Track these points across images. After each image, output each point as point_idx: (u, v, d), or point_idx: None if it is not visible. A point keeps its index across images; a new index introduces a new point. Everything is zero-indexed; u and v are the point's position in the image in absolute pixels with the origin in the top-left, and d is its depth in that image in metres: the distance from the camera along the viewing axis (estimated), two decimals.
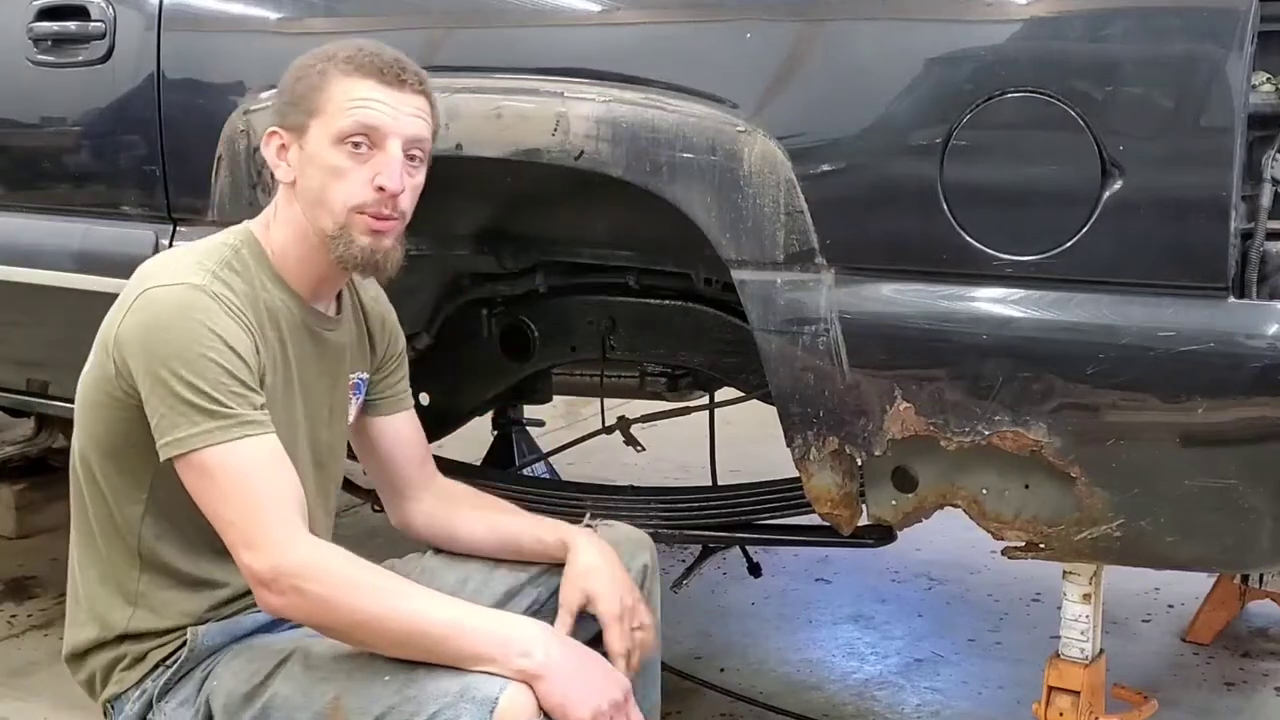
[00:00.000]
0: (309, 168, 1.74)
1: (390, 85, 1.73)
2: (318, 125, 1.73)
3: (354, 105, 1.71)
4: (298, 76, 1.76)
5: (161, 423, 1.63)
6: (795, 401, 1.88)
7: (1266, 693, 2.89)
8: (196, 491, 1.65)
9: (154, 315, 1.65)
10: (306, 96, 1.74)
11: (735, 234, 1.86)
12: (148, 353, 1.64)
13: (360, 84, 1.72)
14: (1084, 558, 1.92)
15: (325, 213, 1.74)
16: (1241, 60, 1.61)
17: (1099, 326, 1.68)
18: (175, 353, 1.62)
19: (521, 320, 2.59)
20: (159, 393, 1.63)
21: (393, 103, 1.73)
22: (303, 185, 1.76)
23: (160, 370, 1.62)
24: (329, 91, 1.72)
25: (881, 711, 2.81)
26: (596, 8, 2.08)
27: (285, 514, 1.62)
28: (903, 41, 1.80)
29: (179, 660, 1.77)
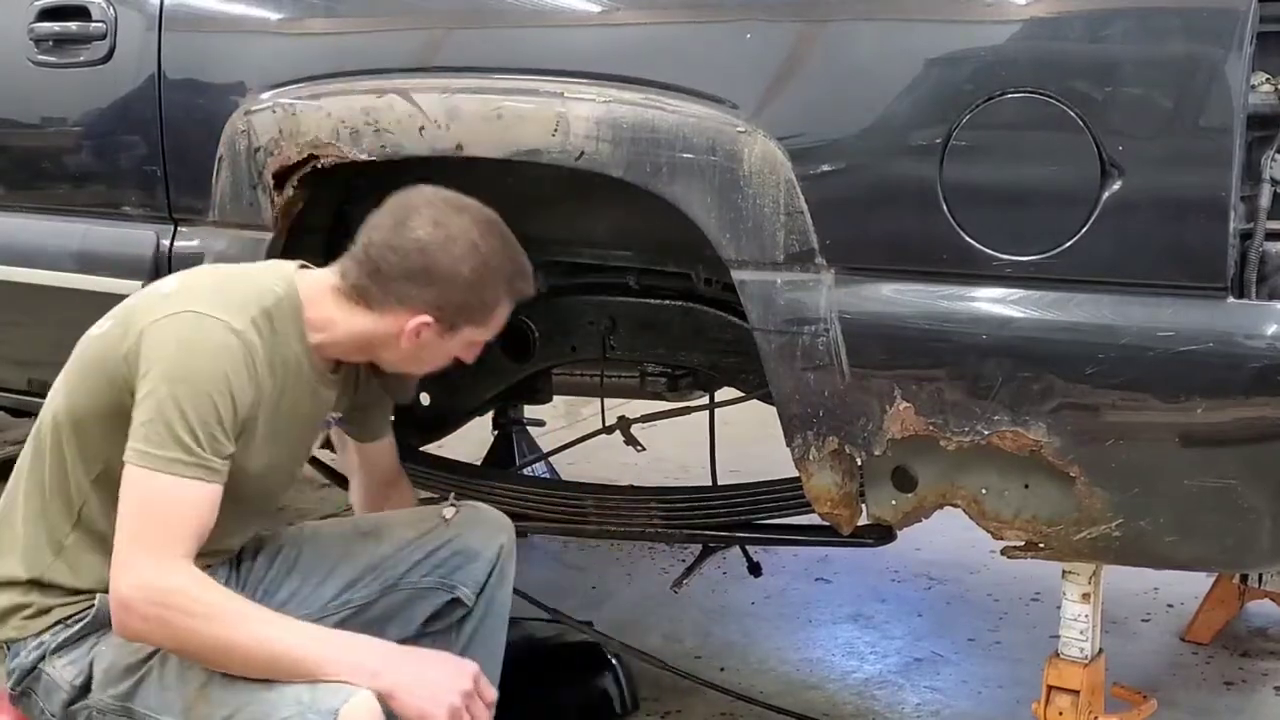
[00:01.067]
0: (438, 348, 1.94)
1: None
2: (471, 331, 1.94)
3: (499, 325, 1.98)
4: (475, 290, 1.89)
5: (141, 428, 1.72)
6: (795, 401, 1.88)
7: (1266, 692, 2.89)
8: (124, 496, 1.73)
9: (190, 338, 1.75)
10: (478, 311, 1.92)
11: (735, 234, 1.87)
12: (167, 366, 1.73)
13: (508, 308, 1.97)
14: (1083, 557, 1.92)
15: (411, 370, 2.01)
16: (1241, 60, 1.61)
17: (1099, 326, 1.69)
18: (189, 381, 1.73)
19: (521, 320, 2.59)
20: (155, 403, 1.72)
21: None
22: (414, 354, 1.93)
23: (169, 386, 1.72)
24: (495, 315, 1.95)
25: (881, 711, 2.81)
26: (596, 8, 2.08)
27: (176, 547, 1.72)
28: (903, 41, 1.80)
29: (81, 622, 1.84)
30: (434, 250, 1.86)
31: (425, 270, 1.86)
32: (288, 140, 2.20)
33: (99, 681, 1.82)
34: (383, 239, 1.88)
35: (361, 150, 2.13)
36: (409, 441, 2.91)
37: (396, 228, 1.88)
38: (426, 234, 1.86)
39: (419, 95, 2.07)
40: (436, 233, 1.86)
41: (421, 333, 1.89)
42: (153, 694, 1.79)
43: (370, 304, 1.89)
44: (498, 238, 1.91)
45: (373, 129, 2.11)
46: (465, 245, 1.87)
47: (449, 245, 1.86)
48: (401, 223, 1.88)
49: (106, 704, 1.82)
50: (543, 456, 3.57)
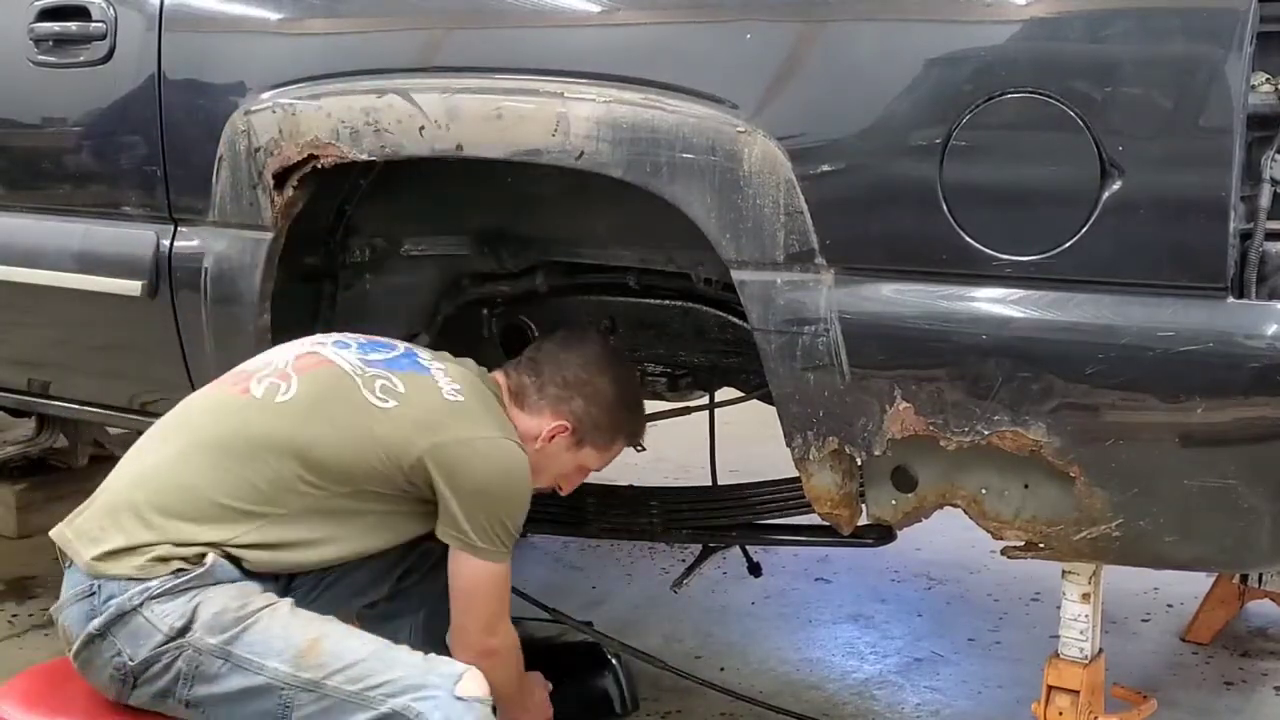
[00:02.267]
0: (555, 459, 2.23)
1: None
2: (587, 454, 2.26)
3: (609, 461, 2.31)
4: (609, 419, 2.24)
5: (476, 532, 2.05)
6: (795, 401, 1.88)
7: (1266, 692, 2.89)
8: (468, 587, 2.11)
9: (510, 464, 2.09)
10: (607, 434, 2.25)
11: (735, 234, 1.87)
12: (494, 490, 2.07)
13: (620, 448, 2.32)
14: (1083, 557, 1.92)
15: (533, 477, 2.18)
16: (1241, 61, 1.61)
17: (1099, 326, 1.69)
18: (514, 503, 2.09)
19: (521, 320, 2.60)
20: (485, 518, 2.06)
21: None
22: (542, 457, 2.20)
23: (497, 507, 2.07)
24: (612, 449, 2.29)
25: (881, 711, 2.81)
26: (596, 8, 2.08)
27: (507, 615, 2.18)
28: (903, 42, 1.80)
29: (191, 574, 1.94)
30: (592, 367, 2.22)
31: (580, 381, 2.20)
32: (288, 140, 2.20)
33: (203, 625, 1.91)
34: (550, 350, 2.25)
35: (362, 150, 2.13)
36: None
37: (565, 345, 2.26)
38: (591, 353, 2.25)
39: (419, 95, 2.07)
40: (599, 356, 2.25)
41: (555, 438, 2.20)
42: (259, 639, 1.91)
43: (524, 403, 2.21)
44: (637, 387, 2.36)
45: (373, 129, 2.11)
46: (616, 375, 2.25)
47: (605, 369, 2.24)
48: (569, 344, 2.26)
49: (206, 646, 1.90)
50: None
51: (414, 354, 2.17)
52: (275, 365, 2.11)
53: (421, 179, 2.35)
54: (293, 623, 1.95)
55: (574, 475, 2.30)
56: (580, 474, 2.31)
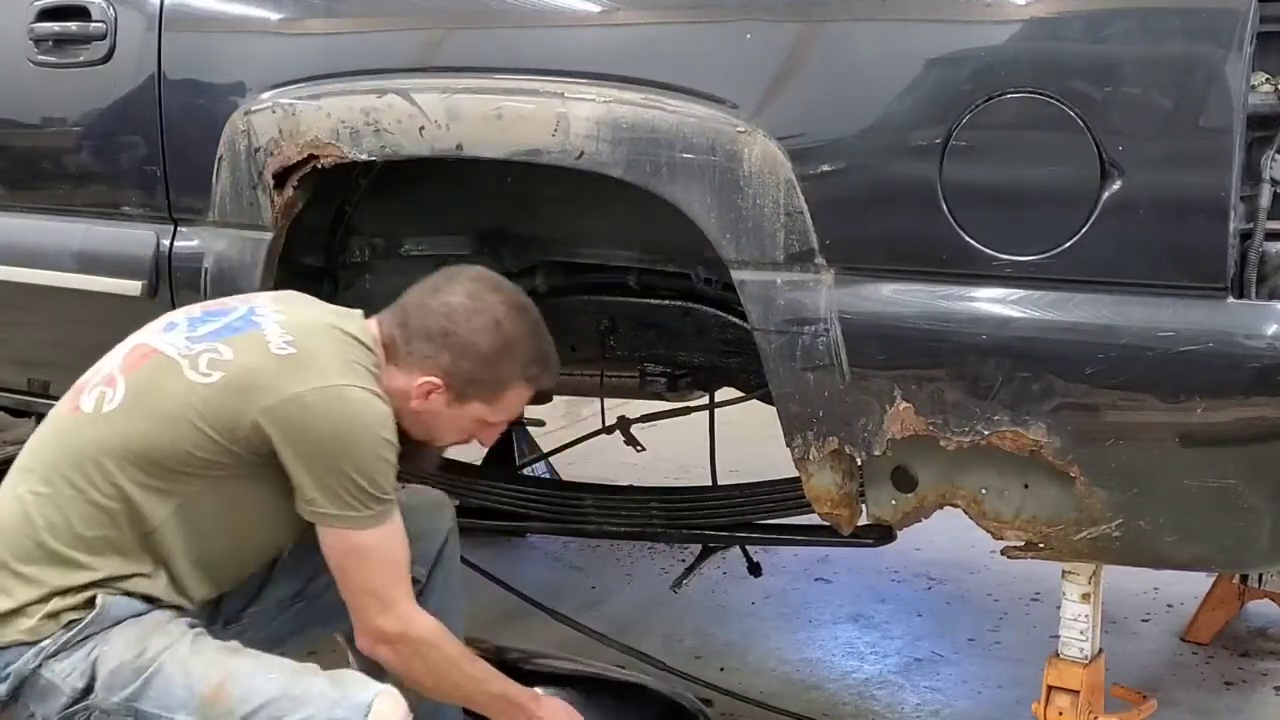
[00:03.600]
0: (446, 418, 2.00)
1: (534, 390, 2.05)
2: (479, 408, 2.00)
3: (513, 411, 2.06)
4: (487, 365, 1.96)
5: (330, 498, 1.84)
6: (795, 401, 1.88)
7: (1265, 692, 2.90)
8: (342, 563, 1.90)
9: (355, 416, 1.85)
10: (488, 388, 1.98)
11: (735, 234, 1.87)
12: (339, 445, 1.84)
13: (524, 396, 2.04)
14: (1083, 557, 1.92)
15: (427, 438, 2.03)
16: (1241, 60, 1.61)
17: (1098, 326, 1.69)
18: (362, 455, 1.85)
19: None
20: (335, 478, 1.84)
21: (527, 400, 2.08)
22: (425, 418, 1.99)
23: (345, 464, 1.84)
24: (506, 397, 2.01)
25: (881, 711, 2.82)
26: (596, 8, 2.08)
27: (409, 588, 1.95)
28: (903, 42, 1.80)
29: (82, 623, 1.83)
30: (457, 317, 1.96)
31: (444, 334, 1.95)
32: (288, 140, 2.20)
33: (103, 683, 1.81)
34: (417, 298, 2.00)
35: (361, 150, 2.13)
36: None
37: (433, 290, 1.99)
38: (456, 301, 1.97)
39: (419, 95, 2.07)
40: (466, 302, 1.97)
41: (431, 395, 1.96)
42: (162, 691, 1.80)
43: (395, 358, 1.97)
44: (526, 323, 1.99)
45: (373, 129, 2.11)
46: (488, 320, 1.96)
47: (473, 316, 1.96)
48: (438, 287, 1.99)
49: (111, 705, 1.81)
50: (543, 456, 3.57)
51: (254, 310, 1.96)
52: (103, 372, 1.95)
53: (421, 179, 2.35)
54: (194, 665, 1.82)
55: (478, 429, 2.06)
56: (486, 426, 2.05)
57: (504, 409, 2.03)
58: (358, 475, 1.84)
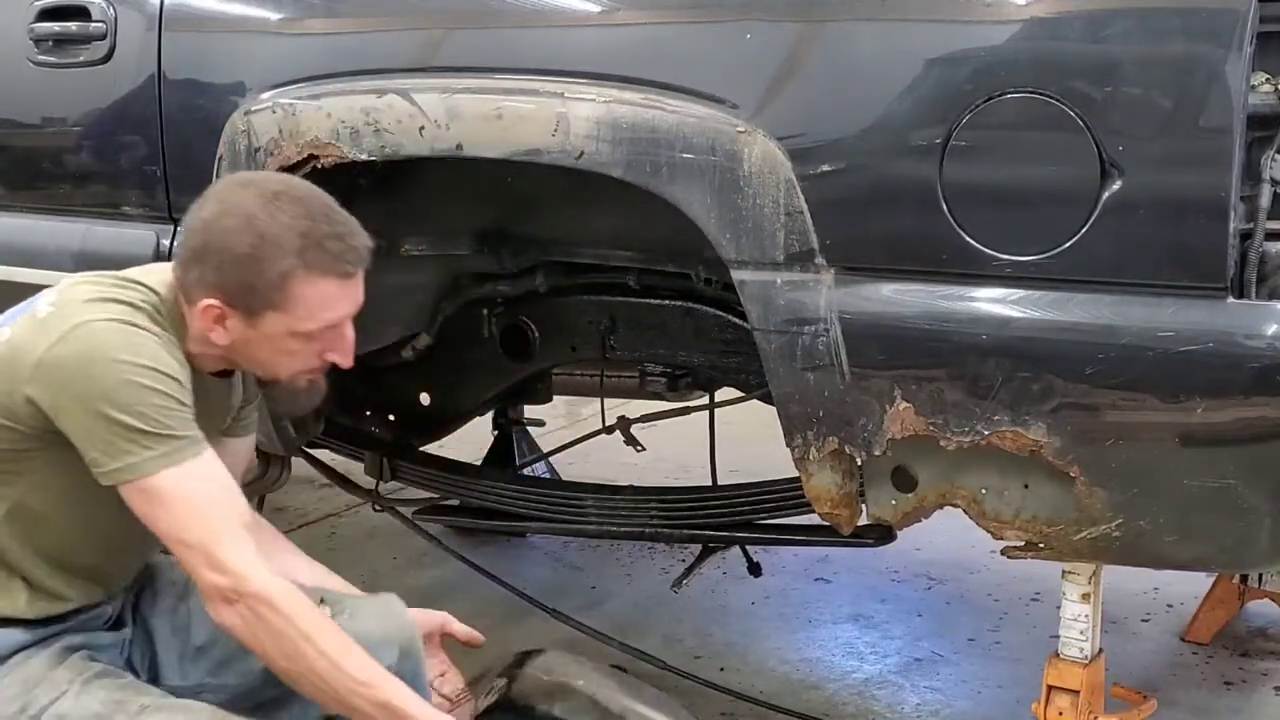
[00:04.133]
0: (256, 345, 1.75)
1: (348, 279, 1.74)
2: (277, 319, 1.72)
3: (321, 310, 1.73)
4: (252, 266, 1.69)
5: (106, 452, 1.64)
6: (795, 401, 1.88)
7: (1265, 692, 2.89)
8: (150, 517, 1.67)
9: (95, 347, 1.64)
10: (266, 292, 1.70)
11: (735, 234, 1.87)
12: (86, 384, 1.63)
13: (326, 287, 1.72)
14: (1083, 557, 1.92)
15: (267, 374, 1.80)
16: (1241, 60, 1.61)
17: (1099, 326, 1.69)
18: (118, 385, 1.63)
19: (521, 320, 2.59)
20: (100, 424, 1.63)
21: (352, 293, 1.76)
22: (244, 351, 1.76)
23: (99, 403, 1.63)
24: (294, 295, 1.71)
25: (881, 711, 2.82)
26: (596, 8, 2.08)
27: (241, 537, 1.67)
28: (903, 42, 1.80)
29: None
30: (210, 227, 1.72)
31: (201, 249, 1.72)
32: (287, 140, 2.20)
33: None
34: (187, 220, 1.77)
35: (361, 150, 2.13)
36: (409, 441, 2.92)
37: (193, 210, 1.76)
38: (208, 211, 1.73)
39: (419, 95, 2.07)
40: (216, 208, 1.73)
41: (222, 321, 1.73)
42: None
43: (186, 297, 1.76)
44: (285, 209, 1.71)
45: (373, 129, 2.11)
46: (240, 220, 1.70)
47: (222, 220, 1.71)
48: (198, 204, 1.76)
49: None
50: (543, 456, 3.57)
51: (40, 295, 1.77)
52: None
53: (421, 179, 2.35)
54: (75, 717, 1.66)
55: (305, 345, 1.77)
56: (310, 340, 1.76)
57: (307, 311, 1.72)
58: (118, 412, 1.62)
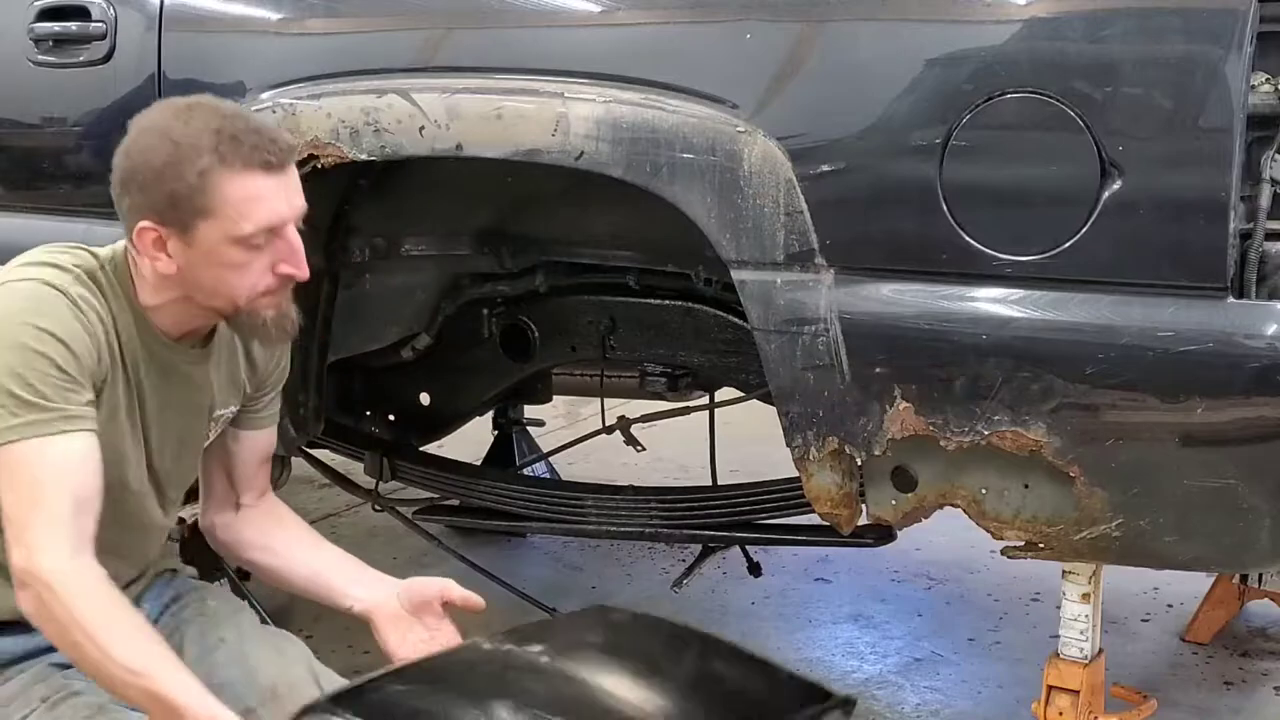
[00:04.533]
0: (201, 265, 1.68)
1: (276, 172, 1.67)
2: (210, 227, 1.65)
3: (252, 208, 1.65)
4: (172, 173, 1.63)
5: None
6: (795, 401, 1.88)
7: (1265, 692, 2.89)
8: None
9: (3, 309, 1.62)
10: (191, 198, 1.63)
11: (735, 234, 1.87)
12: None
13: (250, 181, 1.64)
14: (1083, 557, 1.92)
15: (220, 300, 1.71)
16: (1241, 60, 1.61)
17: (1099, 326, 1.69)
18: (9, 343, 1.59)
19: (521, 320, 2.60)
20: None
21: (284, 191, 1.68)
22: (192, 277, 1.69)
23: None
24: (219, 194, 1.63)
25: (881, 711, 2.81)
26: (596, 8, 2.08)
27: (58, 520, 1.59)
28: (903, 41, 1.80)
29: None
30: (129, 151, 1.67)
31: (126, 175, 1.67)
32: None
33: None
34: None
35: (361, 150, 2.13)
36: (409, 441, 2.92)
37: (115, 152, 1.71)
38: (127, 141, 1.69)
39: (419, 95, 2.07)
40: (132, 135, 1.69)
41: (166, 244, 1.66)
42: None
43: (129, 235, 1.70)
44: (199, 115, 1.66)
45: (373, 129, 2.11)
46: (153, 136, 1.66)
47: (139, 140, 1.67)
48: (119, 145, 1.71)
49: None
50: (543, 456, 3.57)
51: None
52: None
53: (421, 179, 2.35)
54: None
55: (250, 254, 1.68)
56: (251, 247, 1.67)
57: (237, 210, 1.64)
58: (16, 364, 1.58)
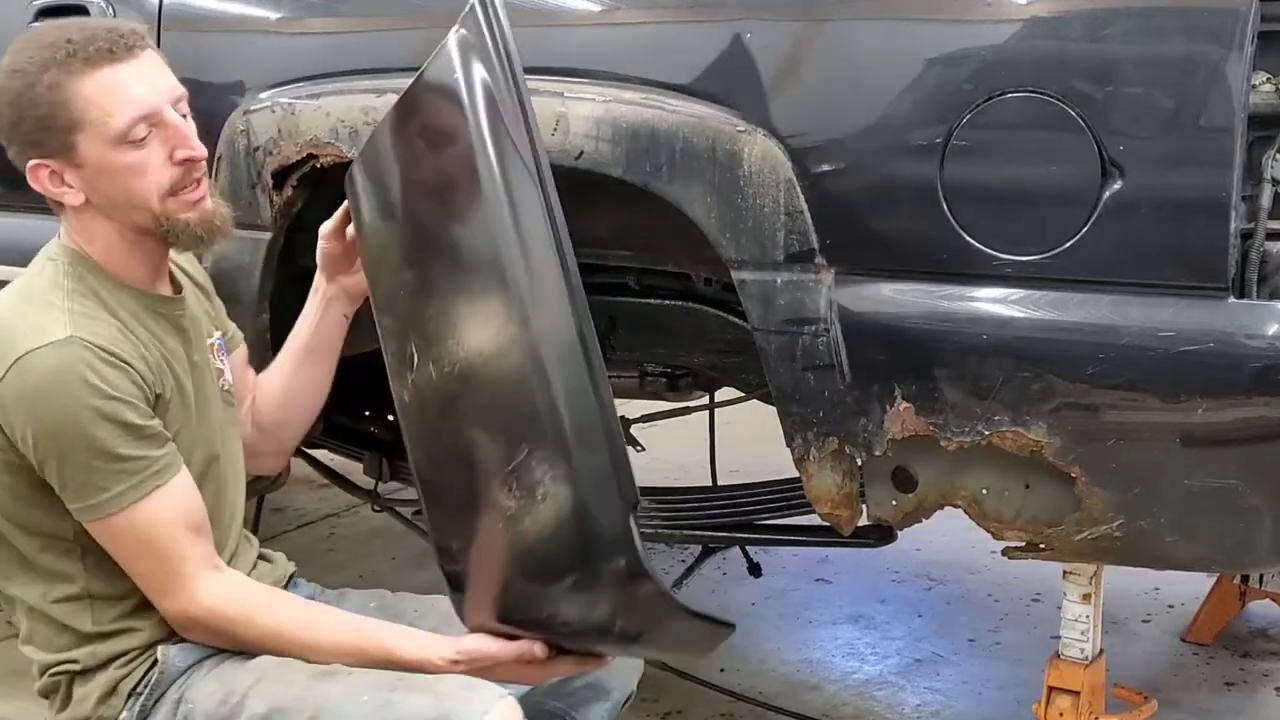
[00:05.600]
0: (100, 180, 1.65)
1: (126, 59, 1.62)
2: (87, 139, 1.62)
3: (114, 102, 1.61)
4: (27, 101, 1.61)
5: (71, 489, 1.61)
6: (795, 401, 1.88)
7: (1266, 693, 2.89)
8: (110, 548, 1.66)
9: (35, 385, 1.58)
10: (54, 117, 1.60)
11: (735, 234, 1.86)
12: (38, 423, 1.58)
13: (101, 77, 1.60)
14: (1084, 558, 1.92)
15: (139, 211, 1.67)
16: (1241, 60, 1.61)
17: (1099, 326, 1.68)
18: (68, 421, 1.58)
19: None
20: (61, 461, 1.59)
21: (143, 76, 1.63)
22: (100, 198, 1.66)
23: (57, 440, 1.58)
24: (76, 102, 1.60)
25: (881, 711, 2.81)
26: (596, 8, 2.08)
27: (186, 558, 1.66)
28: (903, 41, 1.80)
29: (150, 684, 1.71)
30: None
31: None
32: (287, 140, 2.20)
33: None
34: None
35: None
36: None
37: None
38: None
39: None
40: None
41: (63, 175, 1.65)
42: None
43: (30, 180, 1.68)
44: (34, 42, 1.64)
45: (372, 129, 2.10)
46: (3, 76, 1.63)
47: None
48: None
49: None
50: None
51: None
52: None
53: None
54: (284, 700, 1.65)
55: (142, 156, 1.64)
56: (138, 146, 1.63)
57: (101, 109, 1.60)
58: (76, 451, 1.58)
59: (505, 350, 1.63)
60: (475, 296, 1.66)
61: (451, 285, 1.69)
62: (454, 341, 1.66)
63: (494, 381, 1.66)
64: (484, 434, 1.67)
